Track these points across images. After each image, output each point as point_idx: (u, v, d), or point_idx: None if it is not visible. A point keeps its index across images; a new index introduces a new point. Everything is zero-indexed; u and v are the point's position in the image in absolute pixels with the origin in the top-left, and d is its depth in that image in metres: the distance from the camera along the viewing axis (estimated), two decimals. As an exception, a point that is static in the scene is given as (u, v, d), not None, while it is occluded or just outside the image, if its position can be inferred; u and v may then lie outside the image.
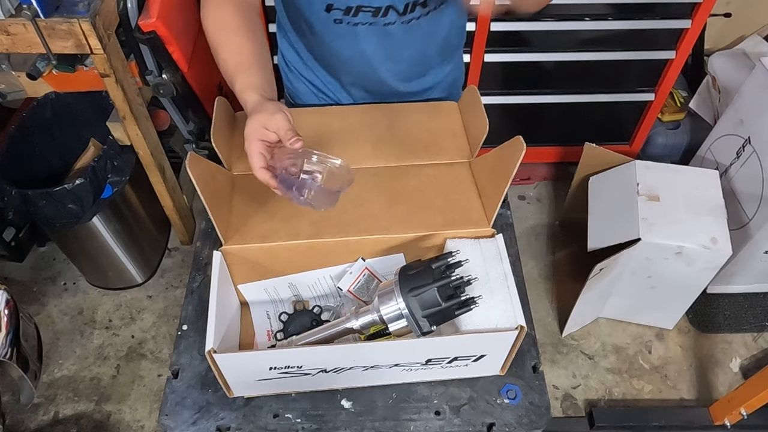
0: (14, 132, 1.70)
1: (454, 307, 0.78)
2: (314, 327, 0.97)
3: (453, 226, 0.92)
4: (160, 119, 1.85)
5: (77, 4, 1.34)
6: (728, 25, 2.20)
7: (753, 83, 1.69)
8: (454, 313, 0.79)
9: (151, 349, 1.88)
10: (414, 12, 1.01)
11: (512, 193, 2.27)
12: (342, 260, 0.95)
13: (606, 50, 1.86)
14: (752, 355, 1.90)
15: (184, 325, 0.96)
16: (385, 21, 1.01)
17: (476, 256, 0.90)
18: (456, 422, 0.88)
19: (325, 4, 0.98)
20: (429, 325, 0.78)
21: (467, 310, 0.79)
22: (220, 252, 0.89)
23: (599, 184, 1.83)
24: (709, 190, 1.65)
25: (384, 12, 0.99)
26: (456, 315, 0.79)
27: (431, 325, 0.78)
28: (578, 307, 1.75)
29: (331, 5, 0.98)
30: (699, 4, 1.72)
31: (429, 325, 0.78)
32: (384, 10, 0.99)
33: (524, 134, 0.85)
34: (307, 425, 0.88)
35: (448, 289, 0.79)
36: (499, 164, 0.91)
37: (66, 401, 1.77)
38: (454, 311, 0.79)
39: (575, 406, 1.79)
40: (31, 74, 1.45)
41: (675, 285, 1.70)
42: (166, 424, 0.87)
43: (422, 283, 0.78)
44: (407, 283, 0.79)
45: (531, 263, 2.09)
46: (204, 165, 0.87)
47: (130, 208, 1.87)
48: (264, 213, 0.93)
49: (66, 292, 2.02)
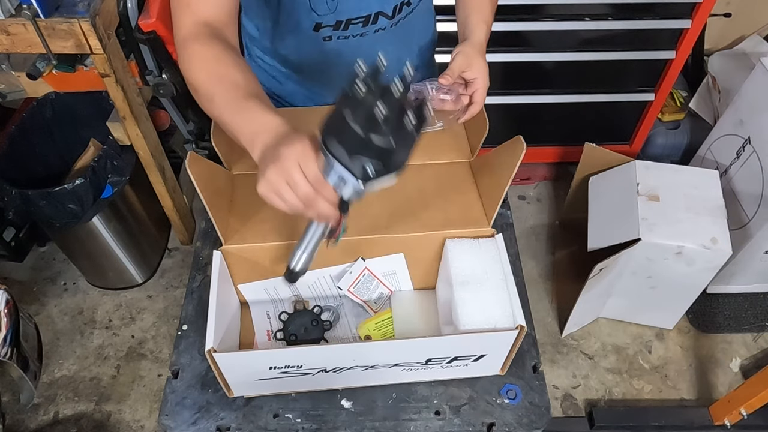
0: (14, 132, 1.70)
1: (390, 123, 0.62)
2: (314, 327, 0.97)
3: (453, 226, 0.92)
4: (160, 119, 1.85)
5: (77, 4, 1.34)
6: (728, 25, 2.20)
7: (753, 83, 1.69)
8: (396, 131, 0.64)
9: (151, 349, 1.88)
10: (401, 12, 1.01)
11: (512, 193, 2.27)
12: (342, 260, 0.95)
13: (606, 50, 1.86)
14: (752, 355, 1.90)
15: (184, 325, 0.96)
16: (375, 28, 1.01)
17: (476, 255, 0.90)
18: (456, 422, 0.88)
19: (313, 23, 0.97)
20: (369, 168, 0.65)
21: (421, 121, 0.66)
22: (220, 252, 0.89)
23: (599, 184, 1.83)
24: (709, 190, 1.65)
25: (374, 19, 0.99)
26: (411, 129, 0.65)
27: (372, 166, 0.65)
28: (578, 307, 1.75)
29: (320, 24, 0.97)
30: (699, 4, 1.72)
31: (369, 167, 0.65)
32: (374, 17, 0.99)
33: (524, 134, 0.85)
34: (307, 425, 0.88)
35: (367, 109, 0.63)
36: (499, 164, 0.91)
37: (66, 401, 1.77)
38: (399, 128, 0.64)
39: (575, 406, 1.79)
40: (31, 74, 1.45)
41: (675, 285, 1.70)
42: (166, 424, 0.87)
43: (337, 123, 0.64)
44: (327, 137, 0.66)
45: (531, 263, 2.09)
46: (204, 165, 0.87)
47: (130, 208, 1.87)
48: (264, 213, 0.93)
49: (66, 292, 2.02)
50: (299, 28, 0.98)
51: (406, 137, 0.66)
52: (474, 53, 0.92)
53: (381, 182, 0.68)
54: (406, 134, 0.66)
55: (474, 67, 0.91)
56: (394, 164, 0.67)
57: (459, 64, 0.91)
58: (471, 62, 0.91)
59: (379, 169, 0.66)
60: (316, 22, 0.97)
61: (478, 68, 0.91)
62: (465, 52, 0.92)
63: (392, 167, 0.67)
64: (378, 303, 1.01)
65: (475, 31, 0.95)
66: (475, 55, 0.92)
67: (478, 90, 0.92)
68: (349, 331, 0.99)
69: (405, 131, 0.66)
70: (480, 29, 0.96)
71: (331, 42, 1.01)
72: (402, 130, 0.65)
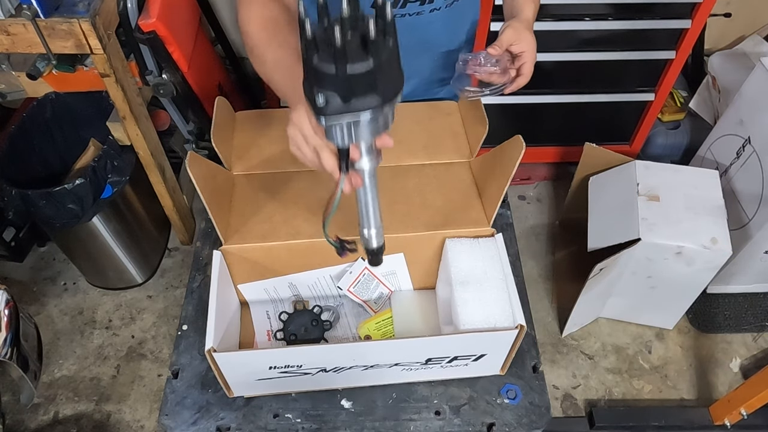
0: (14, 132, 1.70)
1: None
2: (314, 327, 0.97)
3: (453, 226, 0.92)
4: (160, 119, 1.85)
5: (77, 4, 1.34)
6: (728, 25, 2.19)
7: (753, 83, 1.69)
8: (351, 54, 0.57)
9: (151, 349, 1.88)
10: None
11: (512, 193, 2.27)
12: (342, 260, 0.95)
13: (606, 50, 1.86)
14: (752, 355, 1.90)
15: (184, 325, 0.96)
16: (431, 7, 1.02)
17: (476, 255, 0.90)
18: (456, 422, 0.88)
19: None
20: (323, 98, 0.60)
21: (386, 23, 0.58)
22: (220, 252, 0.89)
23: (599, 184, 1.83)
24: (709, 190, 1.65)
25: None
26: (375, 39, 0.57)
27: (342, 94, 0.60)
28: (578, 307, 1.75)
29: None
30: (699, 4, 1.72)
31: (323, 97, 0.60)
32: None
33: (524, 134, 0.85)
34: (307, 425, 0.88)
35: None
36: (498, 164, 0.91)
37: (66, 401, 1.77)
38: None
39: (575, 406, 1.79)
40: (31, 74, 1.45)
41: (675, 285, 1.70)
42: (166, 424, 0.87)
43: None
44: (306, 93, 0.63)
45: (531, 263, 2.09)
46: (204, 165, 0.87)
47: (130, 208, 1.87)
48: (264, 213, 0.94)
49: (66, 292, 2.02)
50: None
51: (377, 50, 0.57)
52: (522, 28, 0.95)
53: (383, 114, 0.63)
54: (375, 47, 0.57)
55: (523, 41, 0.94)
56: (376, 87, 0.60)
57: (508, 37, 0.94)
58: (520, 36, 0.94)
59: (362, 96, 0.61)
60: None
61: (526, 42, 0.95)
62: (514, 26, 0.95)
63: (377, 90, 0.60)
64: (378, 303, 1.01)
65: (524, 9, 0.99)
66: (523, 29, 0.95)
67: (526, 63, 0.96)
68: (349, 331, 1.00)
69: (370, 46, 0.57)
70: (528, 7, 0.99)
71: None
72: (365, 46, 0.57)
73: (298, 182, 0.98)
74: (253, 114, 1.09)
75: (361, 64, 0.57)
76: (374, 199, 0.75)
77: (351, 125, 0.63)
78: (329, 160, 0.70)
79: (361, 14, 0.58)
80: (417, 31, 1.05)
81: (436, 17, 1.04)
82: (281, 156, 1.01)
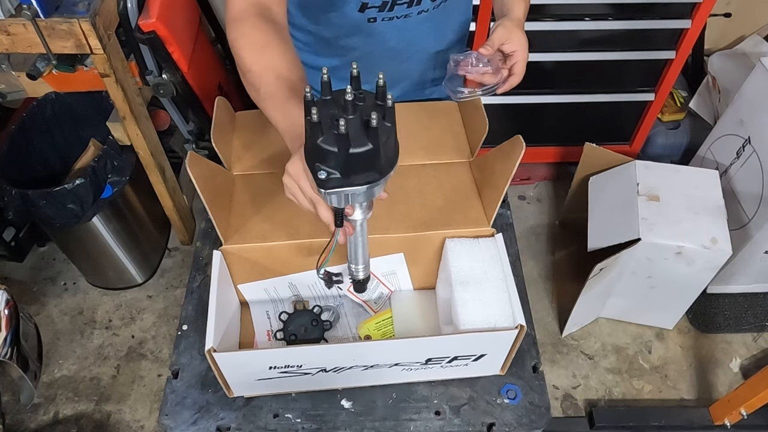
0: (14, 132, 1.70)
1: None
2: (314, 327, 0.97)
3: (453, 226, 0.92)
4: (160, 119, 1.85)
5: (77, 4, 1.34)
6: (728, 25, 2.20)
7: (753, 83, 1.69)
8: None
9: (151, 349, 1.88)
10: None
11: (512, 193, 2.27)
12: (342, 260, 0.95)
13: (606, 50, 1.86)
14: (752, 355, 1.90)
15: (184, 325, 0.96)
16: (419, 9, 1.02)
17: (476, 255, 0.90)
18: (456, 422, 0.88)
19: (360, 3, 0.97)
20: (325, 174, 0.64)
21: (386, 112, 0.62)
22: (220, 252, 0.89)
23: (599, 184, 1.83)
24: (709, 190, 1.65)
25: (418, 0, 1.00)
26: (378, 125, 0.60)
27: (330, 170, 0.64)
28: (578, 307, 1.75)
29: (366, 4, 0.97)
30: (699, 4, 1.72)
31: (325, 174, 0.64)
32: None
33: (524, 134, 0.85)
34: (307, 425, 0.88)
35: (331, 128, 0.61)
36: (498, 164, 0.91)
37: (66, 401, 1.77)
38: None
39: (575, 406, 1.79)
40: (31, 74, 1.45)
41: (675, 285, 1.70)
42: (166, 424, 0.87)
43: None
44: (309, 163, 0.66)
45: (531, 263, 2.09)
46: (204, 165, 0.87)
47: (130, 208, 1.87)
48: (264, 213, 0.93)
49: (66, 292, 2.02)
50: (344, 7, 0.98)
51: (376, 135, 0.62)
52: (513, 26, 0.94)
53: (379, 185, 0.67)
54: (374, 133, 0.62)
55: (514, 39, 0.94)
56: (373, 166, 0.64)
57: (499, 37, 0.93)
58: (511, 35, 0.94)
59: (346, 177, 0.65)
60: (362, 2, 0.97)
61: (518, 41, 0.94)
62: (505, 25, 0.94)
63: (376, 168, 0.65)
64: (378, 303, 1.01)
65: (514, 7, 0.98)
66: (514, 28, 0.94)
67: (518, 62, 0.95)
68: (349, 331, 0.99)
69: (373, 131, 0.61)
70: (518, 6, 0.99)
71: (376, 23, 1.01)
72: (370, 131, 0.62)
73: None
74: (253, 114, 1.09)
75: (362, 147, 0.61)
76: (364, 242, 0.81)
77: (349, 194, 0.67)
78: (326, 213, 0.73)
79: (363, 98, 0.63)
80: (405, 33, 1.05)
81: (424, 19, 1.04)
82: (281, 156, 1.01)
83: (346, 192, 0.66)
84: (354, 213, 0.75)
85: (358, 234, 0.79)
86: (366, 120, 0.61)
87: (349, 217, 0.75)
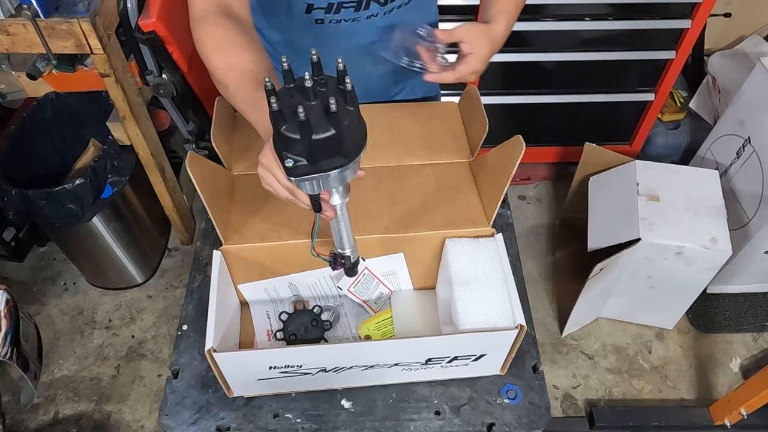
0: (14, 132, 1.70)
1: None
2: (314, 327, 0.97)
3: (453, 226, 0.92)
4: (160, 119, 1.85)
5: (77, 4, 1.34)
6: (728, 25, 2.20)
7: (753, 83, 1.69)
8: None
9: (151, 349, 1.88)
10: (395, 1, 1.01)
11: (512, 193, 2.27)
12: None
13: (606, 50, 1.86)
14: (752, 355, 1.90)
15: (184, 325, 0.96)
16: (367, 14, 1.00)
17: (476, 255, 0.90)
18: (456, 422, 0.88)
19: (305, 5, 0.97)
20: (292, 162, 0.63)
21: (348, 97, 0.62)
22: (220, 252, 0.89)
23: (599, 184, 1.83)
24: (709, 190, 1.65)
25: (366, 4, 0.99)
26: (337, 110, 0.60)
27: (297, 158, 0.64)
28: (578, 307, 1.75)
29: (311, 5, 0.97)
30: (699, 4, 1.72)
31: (292, 161, 0.63)
32: (365, 3, 0.98)
33: (524, 134, 0.85)
34: (307, 425, 0.88)
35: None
36: (498, 164, 0.91)
37: (66, 401, 1.77)
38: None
39: (575, 406, 1.79)
40: (31, 74, 1.45)
41: (675, 285, 1.70)
42: (166, 424, 0.87)
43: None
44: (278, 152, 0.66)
45: (531, 263, 2.09)
46: (204, 165, 0.87)
47: (130, 208, 1.87)
48: (264, 213, 0.93)
49: (66, 292, 2.02)
50: (292, 9, 0.98)
51: (338, 120, 0.62)
52: (484, 33, 0.92)
53: (348, 168, 0.67)
54: (335, 117, 0.62)
55: (477, 45, 0.92)
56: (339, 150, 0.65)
57: (462, 33, 0.92)
58: (475, 39, 0.92)
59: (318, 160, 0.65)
60: (308, 3, 0.96)
61: (479, 49, 0.92)
62: (477, 27, 0.93)
63: (341, 152, 0.65)
64: (378, 303, 1.01)
65: (498, 18, 0.95)
66: (483, 34, 0.92)
67: (466, 65, 0.92)
68: (349, 331, 1.00)
69: (336, 115, 0.61)
70: (502, 18, 0.96)
71: (323, 25, 1.00)
72: (332, 115, 0.62)
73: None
74: (253, 114, 1.09)
75: (324, 133, 0.61)
76: (346, 225, 0.81)
77: (320, 179, 0.67)
78: (304, 199, 0.74)
79: (325, 83, 0.63)
80: (355, 37, 1.03)
81: (374, 23, 1.03)
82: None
83: (315, 178, 0.66)
84: (332, 198, 0.75)
85: (340, 219, 0.79)
86: (326, 107, 0.61)
87: (328, 202, 0.75)
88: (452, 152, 1.04)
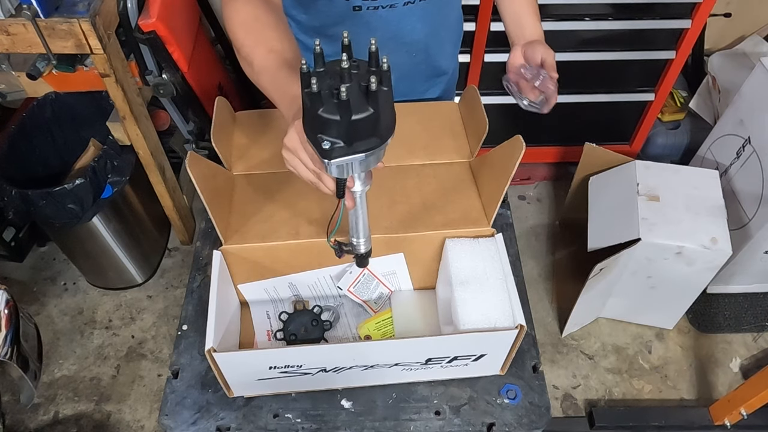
0: (14, 132, 1.70)
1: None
2: (314, 327, 0.97)
3: (453, 226, 0.92)
4: (160, 119, 1.85)
5: (77, 4, 1.34)
6: (728, 25, 2.20)
7: (753, 83, 1.69)
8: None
9: (151, 349, 1.88)
10: None
11: (512, 193, 2.27)
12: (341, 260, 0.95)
13: (606, 50, 1.86)
14: (752, 355, 1.90)
15: (184, 325, 0.96)
16: (405, 1, 1.01)
17: (476, 255, 0.90)
18: (456, 422, 0.88)
19: None
20: (329, 144, 0.64)
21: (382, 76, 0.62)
22: (220, 252, 0.89)
23: (599, 184, 1.83)
24: (709, 190, 1.65)
25: None
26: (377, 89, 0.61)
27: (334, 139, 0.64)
28: (578, 307, 1.75)
29: None
30: (699, 4, 1.72)
31: (329, 143, 0.64)
32: None
33: (524, 134, 0.85)
34: (307, 425, 0.88)
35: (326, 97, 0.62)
36: (498, 164, 0.91)
37: (66, 401, 1.77)
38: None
39: (575, 406, 1.79)
40: (31, 74, 1.45)
41: (675, 285, 1.70)
42: (166, 424, 0.87)
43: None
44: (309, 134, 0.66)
45: (531, 263, 2.09)
46: (204, 165, 0.87)
47: (130, 208, 1.87)
48: (264, 213, 0.94)
49: (66, 292, 2.02)
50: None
51: (376, 99, 0.62)
52: (546, 46, 1.02)
53: (379, 151, 0.68)
54: (374, 97, 0.62)
55: (549, 57, 1.01)
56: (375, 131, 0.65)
57: (548, 57, 1.01)
58: (546, 52, 1.00)
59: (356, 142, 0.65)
60: None
61: (551, 60, 1.01)
62: (546, 47, 1.02)
63: (377, 133, 0.66)
64: (378, 303, 1.01)
65: (536, 27, 1.06)
66: (545, 47, 1.02)
67: (553, 76, 1.02)
68: (349, 331, 1.00)
69: (369, 98, 0.62)
70: (537, 26, 1.07)
71: (361, 12, 1.00)
72: (364, 98, 0.62)
73: (297, 182, 0.97)
74: (253, 114, 1.10)
75: (364, 113, 0.62)
76: (364, 214, 0.81)
77: (351, 162, 0.67)
78: (330, 183, 0.73)
79: (357, 66, 0.63)
80: (391, 24, 1.03)
81: (410, 10, 1.03)
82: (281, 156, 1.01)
83: (349, 160, 0.66)
84: (354, 185, 0.75)
85: (359, 207, 0.79)
86: (365, 86, 0.61)
87: (350, 189, 0.76)
88: (452, 152, 1.04)
